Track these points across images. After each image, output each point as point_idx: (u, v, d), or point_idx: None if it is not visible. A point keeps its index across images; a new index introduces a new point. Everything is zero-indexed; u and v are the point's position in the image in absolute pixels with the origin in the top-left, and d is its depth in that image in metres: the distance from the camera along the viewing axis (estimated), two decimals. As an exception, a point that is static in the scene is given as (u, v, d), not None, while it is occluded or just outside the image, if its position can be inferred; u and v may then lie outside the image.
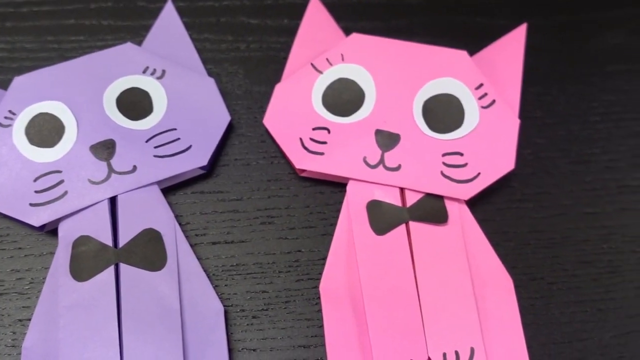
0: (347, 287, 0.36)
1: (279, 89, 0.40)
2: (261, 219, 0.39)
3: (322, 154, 0.38)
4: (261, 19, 0.43)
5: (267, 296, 0.37)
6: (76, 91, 0.39)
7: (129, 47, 0.40)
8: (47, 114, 0.38)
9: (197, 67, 0.41)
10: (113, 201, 0.37)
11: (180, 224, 0.38)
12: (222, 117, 0.39)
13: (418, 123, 0.38)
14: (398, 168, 0.37)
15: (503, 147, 0.38)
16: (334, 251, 0.37)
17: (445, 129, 0.38)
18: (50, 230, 0.37)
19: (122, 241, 0.36)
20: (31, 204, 0.36)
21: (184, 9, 0.43)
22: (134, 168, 0.37)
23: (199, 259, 0.37)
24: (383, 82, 0.39)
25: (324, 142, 0.38)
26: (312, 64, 0.40)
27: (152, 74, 0.39)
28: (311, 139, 0.39)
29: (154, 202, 0.37)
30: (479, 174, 0.37)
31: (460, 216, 0.37)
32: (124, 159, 0.37)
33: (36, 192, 0.36)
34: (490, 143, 0.38)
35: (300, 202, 0.39)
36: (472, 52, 0.40)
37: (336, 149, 0.38)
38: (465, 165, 0.38)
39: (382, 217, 0.37)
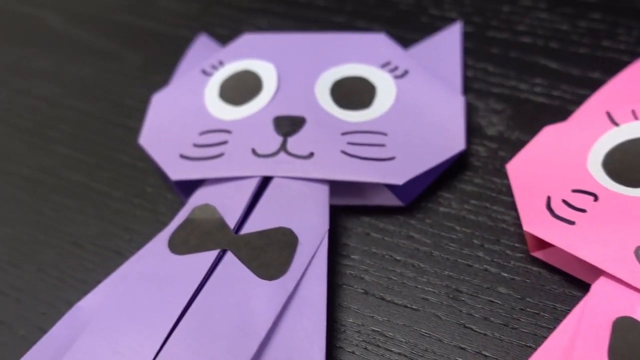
0: None
1: (547, 132, 0.27)
2: (447, 291, 0.25)
3: (571, 223, 0.24)
4: (564, 65, 0.31)
5: (399, 395, 0.23)
6: (296, 61, 0.31)
7: (380, 37, 0.32)
8: (251, 72, 0.31)
9: (454, 88, 0.31)
10: (267, 183, 0.28)
11: (336, 251, 0.27)
12: (453, 143, 0.28)
13: None
14: (695, 282, 0.22)
15: None
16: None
17: None
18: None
19: (248, 229, 0.26)
20: (181, 156, 0.29)
21: (471, 34, 0.34)
22: (310, 155, 0.27)
23: (336, 304, 0.25)
24: None
25: (582, 211, 0.24)
26: (607, 113, 0.27)
27: (392, 70, 0.30)
28: (564, 202, 0.25)
29: (313, 203, 0.27)
30: None
31: None
32: (304, 141, 0.28)
33: (194, 145, 0.29)
34: None
35: (514, 288, 0.25)
36: None
37: (596, 224, 0.24)
38: None
39: (636, 350, 0.21)
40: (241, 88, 0.30)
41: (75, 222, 0.30)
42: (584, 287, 0.24)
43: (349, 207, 0.28)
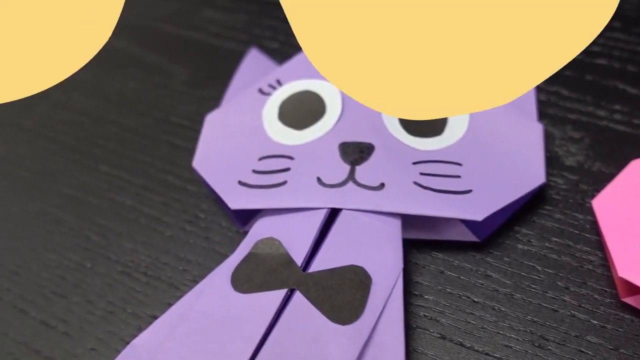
0: None
1: (635, 167, 0.26)
2: (531, 338, 0.23)
3: (672, 271, 0.22)
4: (644, 90, 0.30)
5: None
6: (360, 82, 0.30)
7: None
8: (313, 93, 0.29)
9: (529, 114, 0.29)
10: (334, 215, 0.26)
11: (408, 289, 0.25)
12: (532, 176, 0.26)
13: None
14: None
15: None
16: None
17: None
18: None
19: (317, 267, 0.24)
20: (240, 182, 0.27)
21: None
22: (381, 186, 0.26)
23: (410, 349, 0.24)
24: None
25: (683, 257, 0.23)
26: (703, 148, 0.25)
27: (462, 94, 0.29)
28: (662, 246, 0.23)
29: (386, 238, 0.25)
30: None
31: None
32: (374, 171, 0.26)
33: (254, 171, 0.27)
34: None
35: (605, 337, 0.23)
36: None
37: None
38: None
39: None
40: (302, 110, 0.29)
41: (124, 250, 0.29)
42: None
43: (419, 241, 0.26)
